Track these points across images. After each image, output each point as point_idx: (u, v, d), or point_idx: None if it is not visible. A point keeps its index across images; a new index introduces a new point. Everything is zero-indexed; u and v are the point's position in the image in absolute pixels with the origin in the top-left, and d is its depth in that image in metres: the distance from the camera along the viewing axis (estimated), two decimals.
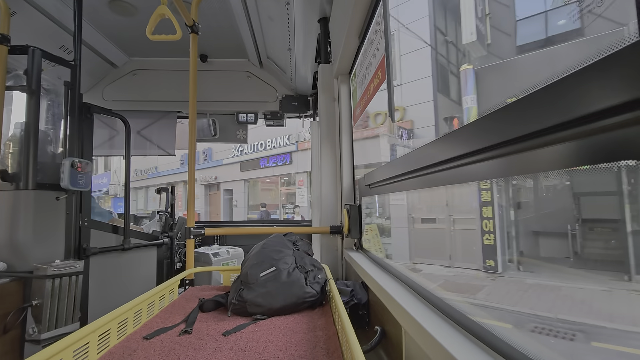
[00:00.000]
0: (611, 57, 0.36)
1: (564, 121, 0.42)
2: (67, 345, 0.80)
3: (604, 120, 0.38)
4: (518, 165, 0.54)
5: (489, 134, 0.59)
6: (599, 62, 0.37)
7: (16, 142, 1.84)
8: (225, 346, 0.98)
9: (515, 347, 0.56)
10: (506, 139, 0.54)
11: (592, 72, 0.38)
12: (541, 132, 0.46)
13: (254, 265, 1.35)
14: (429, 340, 0.69)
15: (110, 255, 2.15)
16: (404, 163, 1.06)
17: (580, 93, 0.40)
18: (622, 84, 0.34)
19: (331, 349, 0.95)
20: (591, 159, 0.40)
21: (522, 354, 0.54)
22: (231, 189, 16.42)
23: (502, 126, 0.56)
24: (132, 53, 3.09)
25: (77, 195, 1.91)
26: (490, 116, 0.58)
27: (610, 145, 0.38)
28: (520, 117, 0.51)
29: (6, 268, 1.68)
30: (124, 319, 1.07)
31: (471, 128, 0.65)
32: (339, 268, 2.15)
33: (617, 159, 0.37)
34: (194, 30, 2.01)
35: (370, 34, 1.61)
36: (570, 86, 0.41)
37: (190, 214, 1.99)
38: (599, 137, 0.39)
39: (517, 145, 0.52)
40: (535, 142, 0.49)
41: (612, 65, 0.36)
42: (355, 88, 1.99)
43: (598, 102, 0.37)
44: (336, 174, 2.22)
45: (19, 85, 1.82)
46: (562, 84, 0.43)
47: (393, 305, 0.96)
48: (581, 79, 0.40)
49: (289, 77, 3.09)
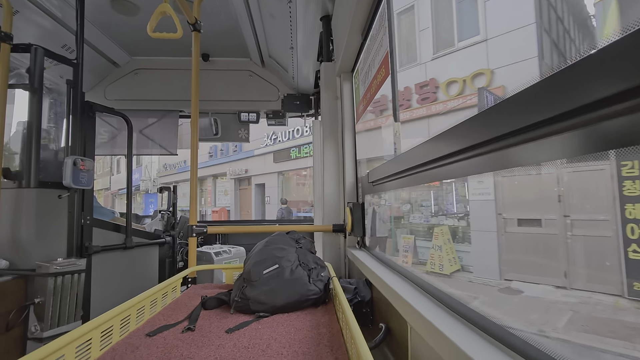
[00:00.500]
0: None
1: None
2: (70, 342, 0.79)
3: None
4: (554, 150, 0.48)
5: (513, 117, 0.53)
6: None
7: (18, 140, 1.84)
8: (228, 343, 0.98)
9: (524, 339, 0.55)
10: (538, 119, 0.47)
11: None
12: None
13: (257, 262, 1.34)
14: (436, 335, 0.68)
15: (112, 254, 2.15)
16: (409, 158, 1.05)
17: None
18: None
19: (335, 346, 0.94)
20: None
21: (531, 346, 0.53)
22: (263, 183, 14.70)
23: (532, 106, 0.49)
24: (134, 52, 3.10)
25: (79, 193, 1.91)
26: (511, 99, 0.54)
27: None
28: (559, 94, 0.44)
29: (9, 266, 1.68)
30: (127, 315, 1.06)
31: (489, 112, 0.61)
32: (341, 266, 2.14)
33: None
34: (196, 29, 2.01)
35: (374, 31, 1.60)
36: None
37: (193, 212, 1.99)
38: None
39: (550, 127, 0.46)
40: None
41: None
42: (358, 86, 1.98)
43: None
44: (339, 172, 2.21)
45: (22, 84, 1.82)
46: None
47: (398, 301, 0.95)
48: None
49: (291, 76, 3.09)
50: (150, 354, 0.90)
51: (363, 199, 1.97)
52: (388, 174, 1.33)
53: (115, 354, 0.90)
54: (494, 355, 0.57)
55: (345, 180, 2.14)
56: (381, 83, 1.49)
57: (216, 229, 2.47)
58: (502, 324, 0.62)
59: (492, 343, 0.61)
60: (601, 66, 0.38)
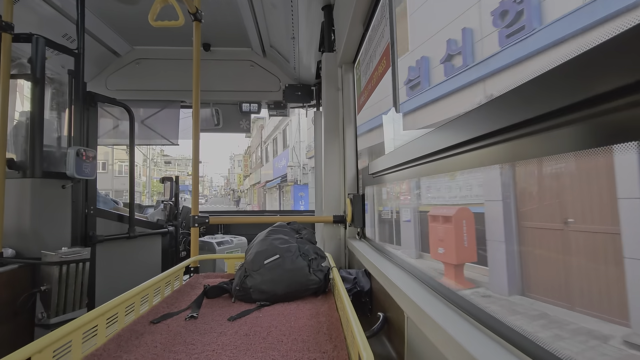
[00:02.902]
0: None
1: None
2: (77, 327, 0.81)
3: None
4: (555, 144, 0.47)
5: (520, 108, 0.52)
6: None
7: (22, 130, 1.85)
8: (230, 330, 1.00)
9: (516, 330, 0.57)
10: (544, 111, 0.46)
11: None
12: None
13: (258, 252, 1.36)
14: (431, 325, 0.70)
15: (116, 243, 2.18)
16: (412, 149, 1.05)
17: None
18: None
19: (334, 334, 0.96)
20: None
21: (523, 336, 0.55)
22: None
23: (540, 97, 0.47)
24: (135, 42, 3.08)
25: (82, 183, 1.93)
26: (516, 90, 0.52)
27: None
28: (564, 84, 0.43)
29: (15, 255, 1.71)
30: (131, 303, 1.09)
31: (499, 101, 0.59)
32: (341, 257, 2.17)
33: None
34: (197, 18, 2.00)
35: (375, 21, 1.59)
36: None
37: (195, 202, 2.01)
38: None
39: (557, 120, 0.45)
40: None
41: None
42: (360, 77, 1.97)
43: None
44: (339, 163, 2.22)
45: (24, 74, 1.82)
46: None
47: (396, 292, 0.97)
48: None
49: (293, 67, 3.07)
50: (154, 340, 0.93)
51: (364, 191, 1.98)
52: (389, 166, 1.33)
53: (121, 340, 0.92)
54: (486, 344, 0.59)
55: (345, 172, 2.15)
56: (382, 74, 1.48)
57: (218, 219, 2.49)
58: (495, 314, 0.64)
59: (484, 332, 0.63)
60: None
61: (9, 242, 1.72)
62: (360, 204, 1.92)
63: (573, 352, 0.59)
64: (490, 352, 0.57)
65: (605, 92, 0.38)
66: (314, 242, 1.55)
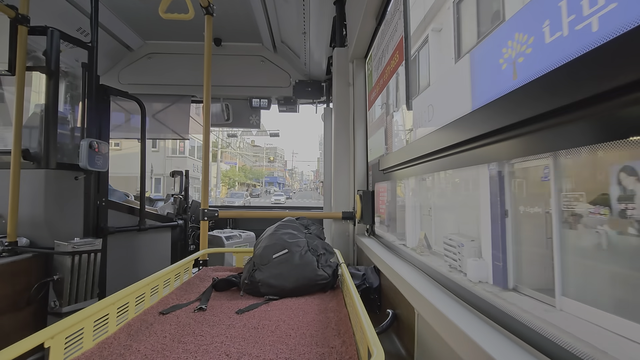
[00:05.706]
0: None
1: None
2: (88, 315, 0.82)
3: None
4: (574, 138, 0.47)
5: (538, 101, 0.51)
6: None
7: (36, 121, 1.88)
8: (238, 323, 1.00)
9: (528, 325, 0.55)
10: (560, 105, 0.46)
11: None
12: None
13: (267, 247, 1.36)
14: (443, 322, 0.69)
15: (126, 235, 2.21)
16: (425, 144, 1.03)
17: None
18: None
19: (342, 330, 0.95)
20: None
21: (537, 333, 0.53)
22: None
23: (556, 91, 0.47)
24: (147, 36, 3.10)
25: (94, 175, 1.96)
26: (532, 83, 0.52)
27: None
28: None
29: (29, 244, 1.74)
30: (142, 294, 1.10)
31: (517, 92, 0.58)
32: (350, 253, 2.16)
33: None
34: (209, 12, 1.99)
35: (389, 15, 1.56)
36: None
37: (204, 196, 2.02)
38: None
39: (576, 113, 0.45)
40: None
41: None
42: (371, 72, 1.95)
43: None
44: (349, 159, 2.20)
45: (39, 66, 1.85)
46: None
47: (406, 288, 0.96)
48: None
49: (303, 62, 3.05)
50: (164, 331, 0.94)
51: (373, 187, 1.97)
52: (401, 161, 1.31)
53: (131, 329, 0.93)
54: (500, 341, 0.57)
55: (355, 168, 2.13)
56: (395, 69, 1.46)
57: (227, 214, 2.50)
58: (508, 311, 0.62)
59: (497, 329, 0.62)
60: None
61: (24, 232, 1.75)
62: (370, 201, 1.90)
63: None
64: (504, 349, 0.55)
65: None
66: (322, 238, 1.54)
